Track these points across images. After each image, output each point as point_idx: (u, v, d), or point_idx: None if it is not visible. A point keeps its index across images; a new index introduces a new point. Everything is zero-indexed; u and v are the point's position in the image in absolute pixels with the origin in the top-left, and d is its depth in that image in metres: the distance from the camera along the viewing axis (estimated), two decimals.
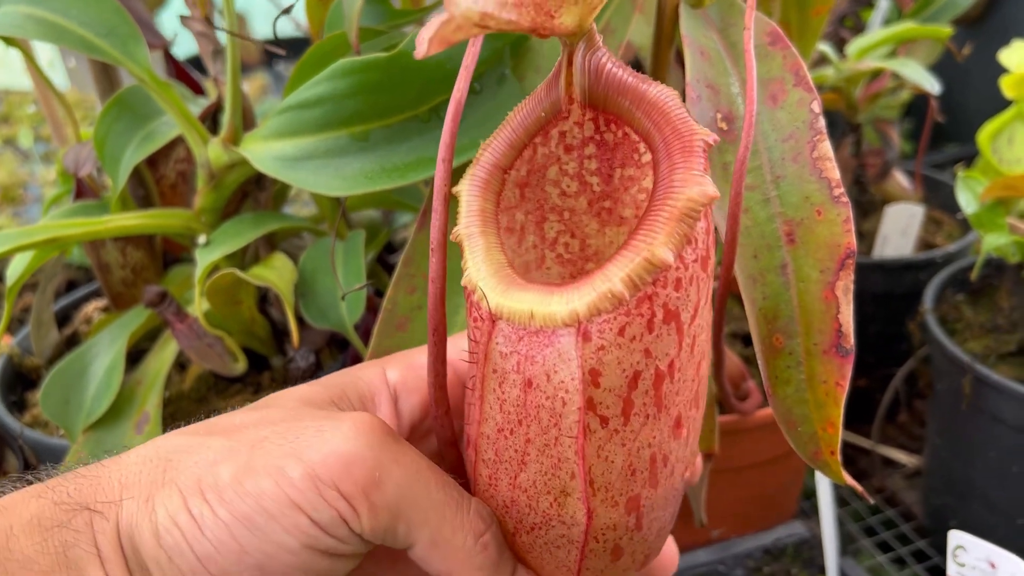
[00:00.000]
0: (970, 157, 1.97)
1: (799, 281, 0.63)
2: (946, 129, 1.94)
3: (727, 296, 0.69)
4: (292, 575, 0.42)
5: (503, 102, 0.68)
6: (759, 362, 0.62)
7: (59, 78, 2.54)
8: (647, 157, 0.47)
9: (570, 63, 0.41)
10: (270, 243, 0.99)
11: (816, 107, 0.67)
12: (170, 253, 1.15)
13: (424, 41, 0.34)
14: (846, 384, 0.60)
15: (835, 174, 0.64)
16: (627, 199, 0.48)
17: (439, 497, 0.44)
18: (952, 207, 1.41)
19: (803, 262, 0.63)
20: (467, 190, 0.43)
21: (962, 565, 0.88)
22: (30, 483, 0.44)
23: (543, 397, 0.39)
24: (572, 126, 0.46)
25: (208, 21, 0.92)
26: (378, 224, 1.07)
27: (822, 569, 1.04)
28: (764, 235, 0.65)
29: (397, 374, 0.51)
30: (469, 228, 0.42)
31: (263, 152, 0.76)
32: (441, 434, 0.48)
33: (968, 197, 1.13)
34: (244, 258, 0.96)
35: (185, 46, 1.09)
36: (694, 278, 0.39)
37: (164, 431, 0.89)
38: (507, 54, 0.70)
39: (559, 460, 0.40)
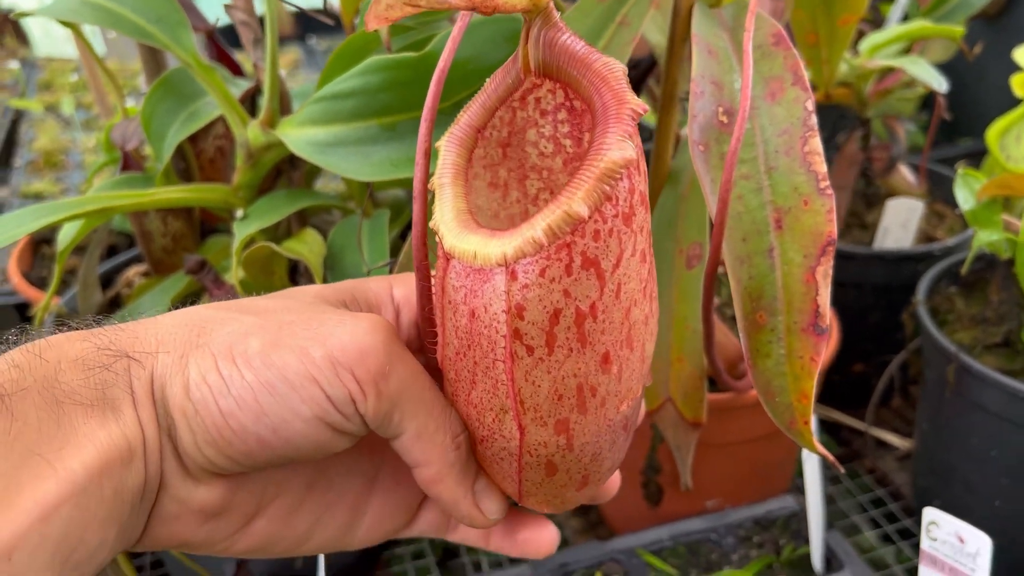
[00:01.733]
0: (983, 152, 2.01)
1: (784, 264, 0.69)
2: (962, 123, 1.98)
3: (715, 275, 0.75)
4: (298, 440, 0.48)
5: None
6: (741, 336, 0.68)
7: (98, 46, 2.61)
8: None
9: (526, 39, 0.47)
10: (301, 218, 1.06)
11: (810, 105, 0.73)
12: (207, 223, 1.23)
13: (367, 20, 0.39)
14: (820, 360, 0.66)
15: (822, 168, 0.70)
16: None
17: (429, 397, 0.51)
18: (956, 201, 1.46)
19: (789, 247, 0.69)
20: (444, 145, 0.49)
21: (934, 539, 0.94)
22: (71, 328, 0.49)
23: (482, 326, 0.45)
24: (545, 93, 0.52)
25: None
26: (402, 203, 1.14)
27: (809, 541, 1.11)
28: (755, 220, 0.71)
29: (401, 292, 0.57)
30: (441, 179, 0.48)
31: (298, 136, 0.83)
32: (429, 360, 0.54)
33: (966, 194, 1.17)
34: (277, 231, 1.03)
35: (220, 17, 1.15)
36: (614, 231, 0.44)
37: None
38: None
39: (496, 382, 0.47)
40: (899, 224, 1.33)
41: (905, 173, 1.49)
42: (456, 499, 0.53)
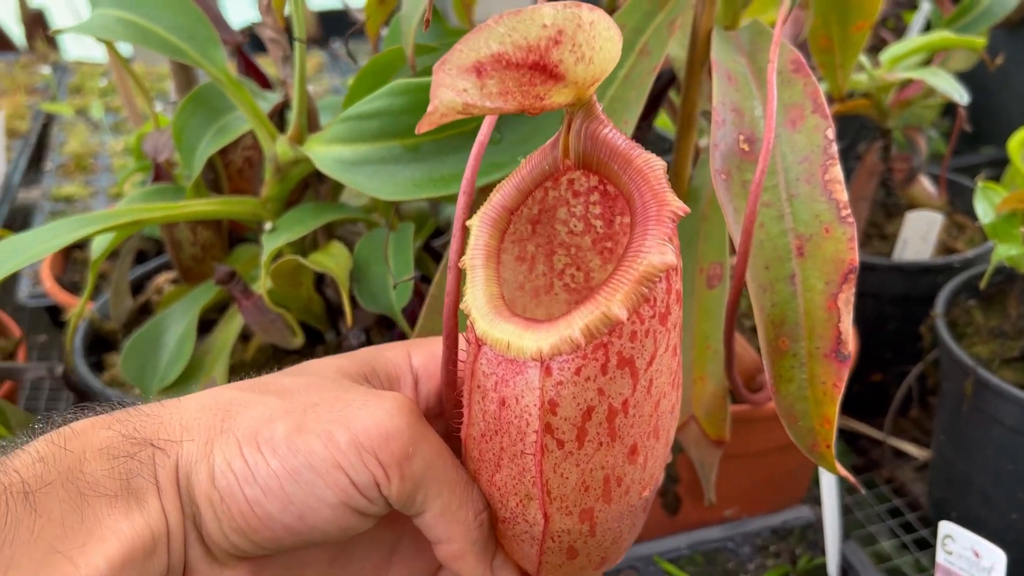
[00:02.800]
0: (1005, 160, 2.00)
1: (806, 291, 0.69)
2: (984, 131, 1.97)
3: (738, 302, 0.76)
4: (324, 526, 0.48)
5: (541, 122, 0.76)
6: (764, 362, 0.69)
7: (125, 48, 2.66)
8: None
9: (568, 129, 0.47)
10: (328, 229, 1.08)
11: (830, 134, 0.73)
12: (235, 232, 1.26)
13: (421, 125, 0.40)
14: (842, 386, 0.67)
15: (843, 196, 0.71)
16: (625, 242, 0.53)
17: (453, 476, 0.51)
18: (975, 212, 1.46)
19: (810, 274, 0.69)
20: (477, 225, 0.49)
21: (950, 553, 0.95)
22: (96, 413, 0.49)
23: (512, 415, 0.46)
24: (579, 175, 0.52)
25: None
26: (426, 214, 1.16)
27: (825, 551, 1.12)
28: (777, 248, 0.71)
29: (420, 360, 0.57)
30: (473, 260, 0.48)
31: (325, 154, 0.85)
32: (451, 429, 0.55)
33: (985, 207, 1.18)
34: (304, 242, 1.06)
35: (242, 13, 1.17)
36: (650, 331, 0.45)
37: None
38: None
39: (523, 470, 0.48)
40: (919, 236, 1.34)
41: (925, 184, 1.50)
42: None
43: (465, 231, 0.50)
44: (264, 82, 1.20)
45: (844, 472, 0.70)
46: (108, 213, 0.97)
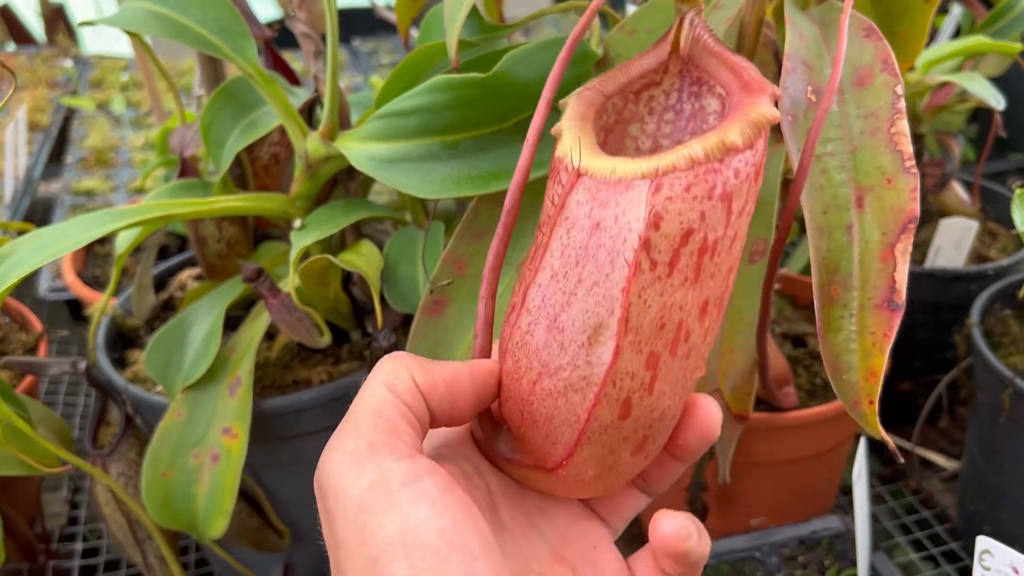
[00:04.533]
0: None
1: (862, 241, 0.68)
2: (1014, 136, 1.94)
3: (779, 260, 0.75)
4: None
5: None
6: (816, 308, 0.68)
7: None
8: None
9: (680, 25, 0.51)
10: (356, 228, 1.07)
11: (899, 90, 0.72)
12: (259, 228, 1.25)
13: None
14: (892, 336, 0.65)
15: (908, 148, 0.70)
16: None
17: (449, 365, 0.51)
18: (1009, 220, 1.44)
19: (868, 225, 0.69)
20: (573, 100, 0.52)
21: (987, 569, 0.93)
22: None
23: (606, 237, 0.46)
24: (660, 93, 0.54)
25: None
26: (452, 213, 1.14)
27: (854, 563, 1.10)
28: (836, 196, 0.71)
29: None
30: (570, 122, 0.50)
31: (360, 151, 0.84)
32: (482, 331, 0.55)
33: (1022, 215, 1.16)
34: (331, 240, 1.04)
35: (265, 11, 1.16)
36: (749, 177, 0.47)
37: (253, 395, 0.98)
38: (593, 75, 0.76)
39: (603, 297, 0.47)
40: (952, 244, 1.32)
41: (958, 191, 1.47)
42: None
43: (550, 105, 0.51)
44: (292, 78, 1.19)
45: (884, 434, 0.67)
46: (136, 208, 0.96)
